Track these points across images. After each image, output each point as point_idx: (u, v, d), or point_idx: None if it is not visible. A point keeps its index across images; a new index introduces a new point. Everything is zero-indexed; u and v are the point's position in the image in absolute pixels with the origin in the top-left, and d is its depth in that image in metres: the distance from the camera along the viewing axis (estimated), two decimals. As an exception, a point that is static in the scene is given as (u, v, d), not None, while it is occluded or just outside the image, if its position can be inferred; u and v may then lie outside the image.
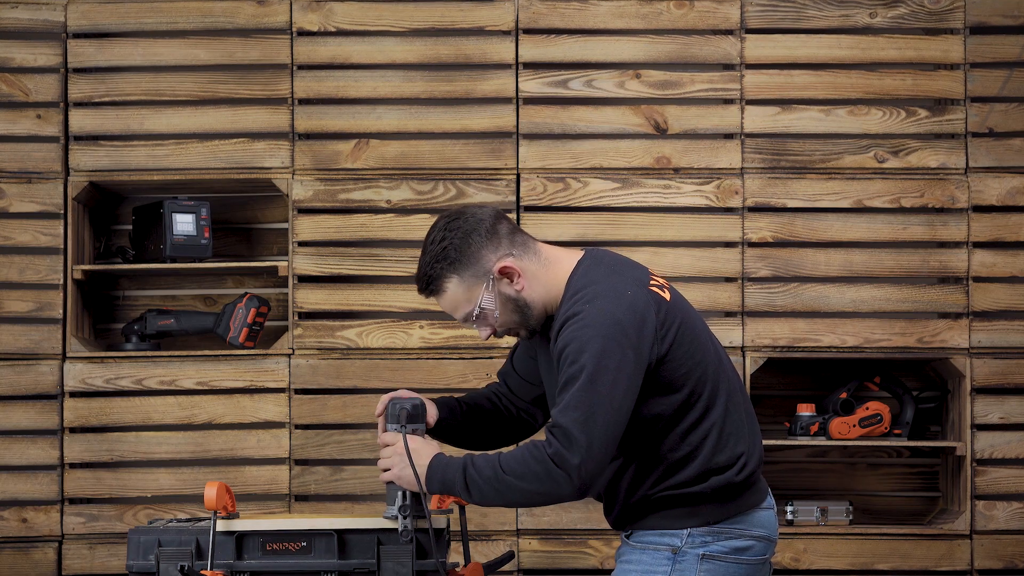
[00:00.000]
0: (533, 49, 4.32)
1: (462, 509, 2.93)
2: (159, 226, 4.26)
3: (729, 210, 4.32)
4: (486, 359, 4.24)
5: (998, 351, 4.28)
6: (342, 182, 4.30)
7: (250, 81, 4.32)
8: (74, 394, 4.25)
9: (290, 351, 4.26)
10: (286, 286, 4.34)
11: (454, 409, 2.91)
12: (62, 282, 4.26)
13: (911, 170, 4.32)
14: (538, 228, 4.26)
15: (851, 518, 4.31)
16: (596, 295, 2.63)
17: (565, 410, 2.57)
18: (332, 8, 4.32)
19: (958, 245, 4.31)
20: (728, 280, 4.31)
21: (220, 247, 4.46)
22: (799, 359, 4.34)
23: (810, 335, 4.28)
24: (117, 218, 4.54)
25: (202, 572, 2.74)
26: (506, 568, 4.12)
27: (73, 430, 4.25)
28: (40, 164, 4.29)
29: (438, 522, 2.81)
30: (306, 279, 4.30)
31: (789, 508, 4.29)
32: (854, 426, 4.27)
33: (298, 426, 4.26)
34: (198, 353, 4.28)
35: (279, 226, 4.50)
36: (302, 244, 4.29)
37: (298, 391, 4.26)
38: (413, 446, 2.70)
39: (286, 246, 4.39)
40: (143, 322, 4.31)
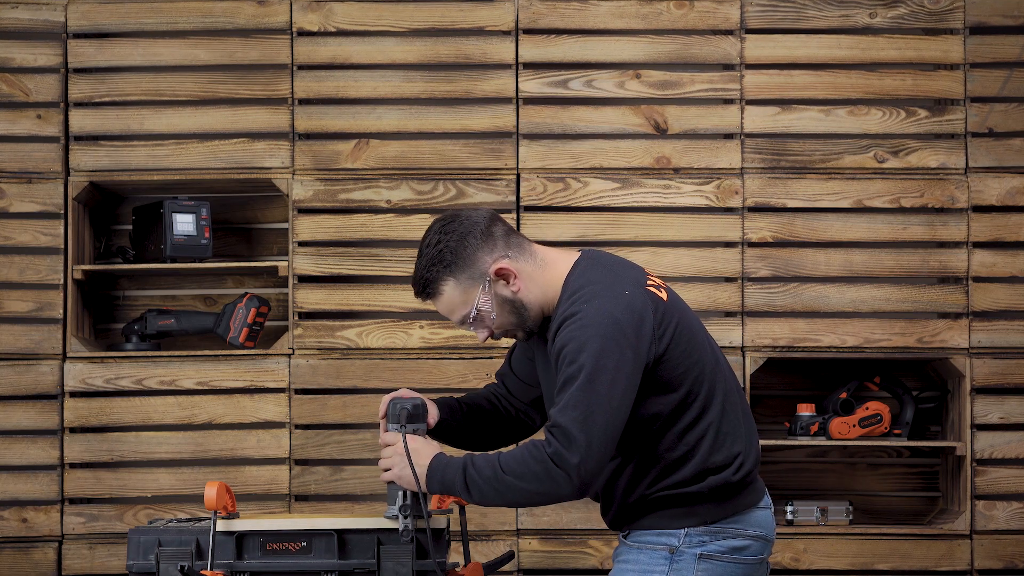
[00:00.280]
0: (533, 49, 4.32)
1: (462, 509, 2.93)
2: (159, 226, 4.26)
3: (729, 210, 4.31)
4: (486, 359, 4.24)
5: (998, 351, 4.28)
6: (342, 182, 4.30)
7: (250, 81, 4.32)
8: (74, 394, 4.25)
9: (290, 351, 4.26)
10: (286, 286, 4.34)
11: (454, 409, 2.91)
12: (62, 282, 4.26)
13: (911, 170, 4.32)
14: (538, 228, 4.26)
15: (851, 518, 4.31)
16: (594, 295, 2.63)
17: (564, 410, 2.57)
18: (332, 8, 4.32)
19: (958, 245, 4.31)
20: (728, 280, 4.31)
21: (220, 247, 4.46)
22: (799, 359, 4.34)
23: (810, 335, 4.28)
24: (117, 218, 4.54)
25: (202, 572, 2.74)
26: (506, 568, 4.12)
27: (73, 430, 4.25)
28: (40, 164, 4.29)
29: (438, 522, 2.81)
30: (306, 279, 4.30)
31: (789, 508, 4.29)
32: (854, 426, 4.27)
33: (298, 426, 4.26)
34: (198, 353, 4.28)
35: (279, 226, 4.50)
36: (302, 244, 4.29)
37: (298, 391, 4.26)
38: (413, 446, 2.70)
39: (286, 246, 4.39)
40: (143, 322, 4.31)
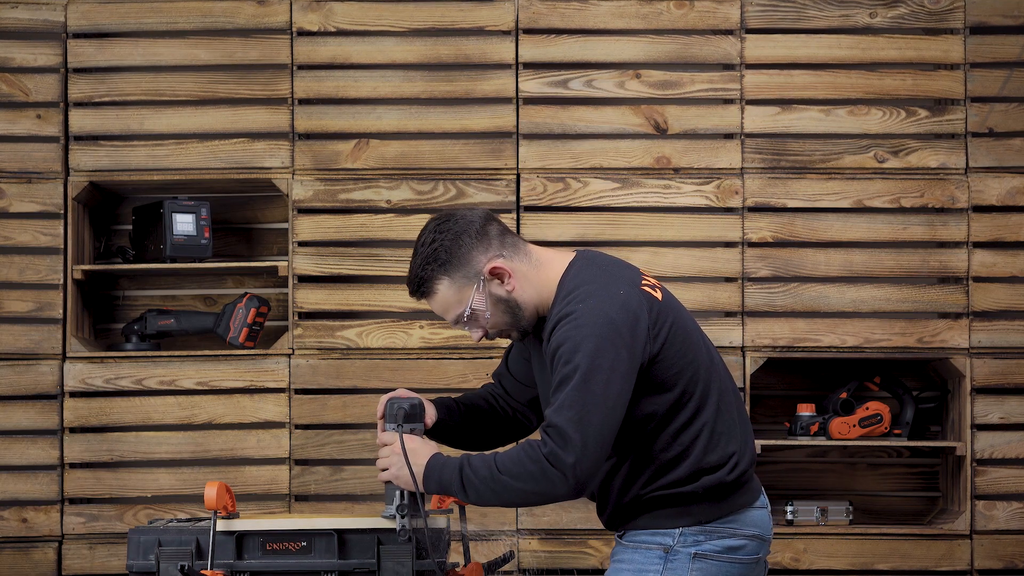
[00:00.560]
0: (533, 49, 4.32)
1: (462, 509, 2.93)
2: (159, 226, 4.26)
3: (729, 210, 4.31)
4: (486, 359, 4.23)
5: (998, 351, 4.28)
6: (342, 182, 4.30)
7: (250, 81, 4.32)
8: (74, 394, 4.25)
9: (290, 351, 4.26)
10: (286, 286, 4.34)
11: (452, 410, 2.91)
12: (62, 282, 4.26)
13: (911, 170, 4.32)
14: (538, 228, 4.26)
15: (851, 518, 4.31)
16: (589, 295, 2.63)
17: (560, 409, 2.57)
18: (332, 8, 4.32)
19: (958, 245, 4.31)
20: (728, 280, 4.31)
21: (220, 247, 4.46)
22: (799, 359, 4.34)
23: (810, 335, 4.28)
24: (117, 218, 4.54)
25: (202, 572, 2.74)
26: (506, 568, 4.12)
27: (73, 430, 4.25)
28: (40, 164, 4.29)
29: (438, 522, 2.81)
30: (306, 279, 4.30)
31: (789, 508, 4.29)
32: (854, 426, 4.27)
33: (298, 426, 4.26)
34: (198, 353, 4.28)
35: (279, 226, 4.50)
36: (302, 244, 4.29)
37: (298, 391, 4.26)
38: (411, 446, 2.70)
39: (286, 246, 4.39)
40: (143, 322, 4.31)
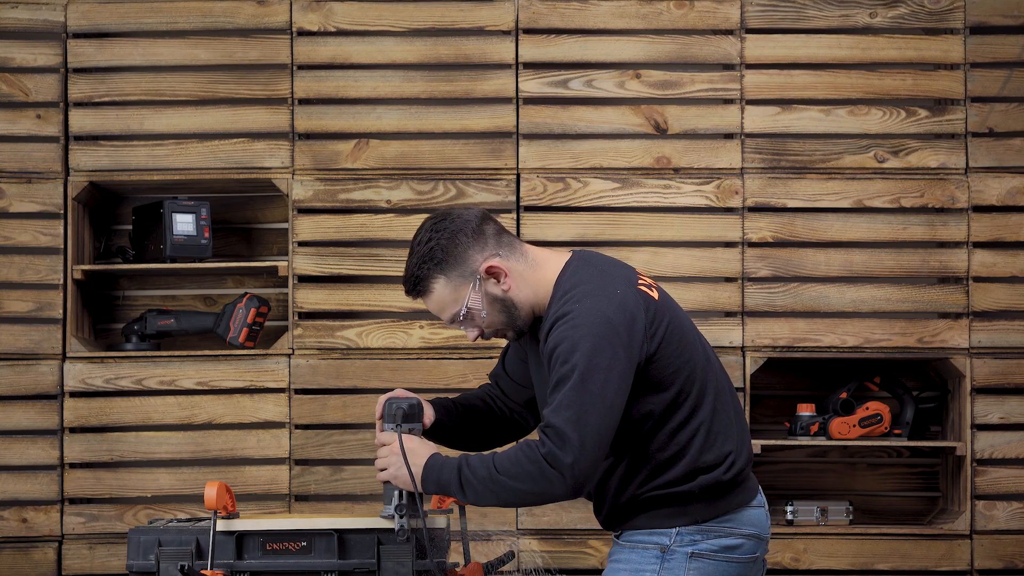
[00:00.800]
0: (533, 49, 4.32)
1: (462, 509, 2.93)
2: (159, 226, 4.26)
3: (729, 210, 4.31)
4: (486, 359, 4.23)
5: (998, 351, 4.28)
6: (342, 182, 4.30)
7: (250, 81, 4.32)
8: (74, 394, 4.25)
9: (290, 351, 4.26)
10: (286, 286, 4.34)
11: (449, 410, 2.91)
12: (62, 282, 4.26)
13: (911, 170, 4.32)
14: (538, 228, 4.26)
15: (851, 518, 4.31)
16: (586, 295, 2.63)
17: (557, 409, 2.57)
18: (332, 8, 4.32)
19: (958, 245, 4.31)
20: (728, 280, 4.31)
21: (220, 247, 4.46)
22: (799, 359, 4.34)
23: (810, 335, 4.28)
24: (117, 218, 4.54)
25: (202, 572, 2.74)
26: (506, 568, 4.12)
27: (73, 430, 4.25)
28: (40, 164, 4.29)
29: (438, 522, 2.81)
30: (306, 279, 4.30)
31: (789, 508, 4.29)
32: (854, 426, 4.27)
33: (298, 426, 4.26)
34: (198, 353, 4.28)
35: (279, 226, 4.50)
36: (302, 244, 4.29)
37: (298, 391, 4.26)
38: (409, 446, 2.70)
39: (286, 246, 4.39)
40: (143, 322, 4.31)
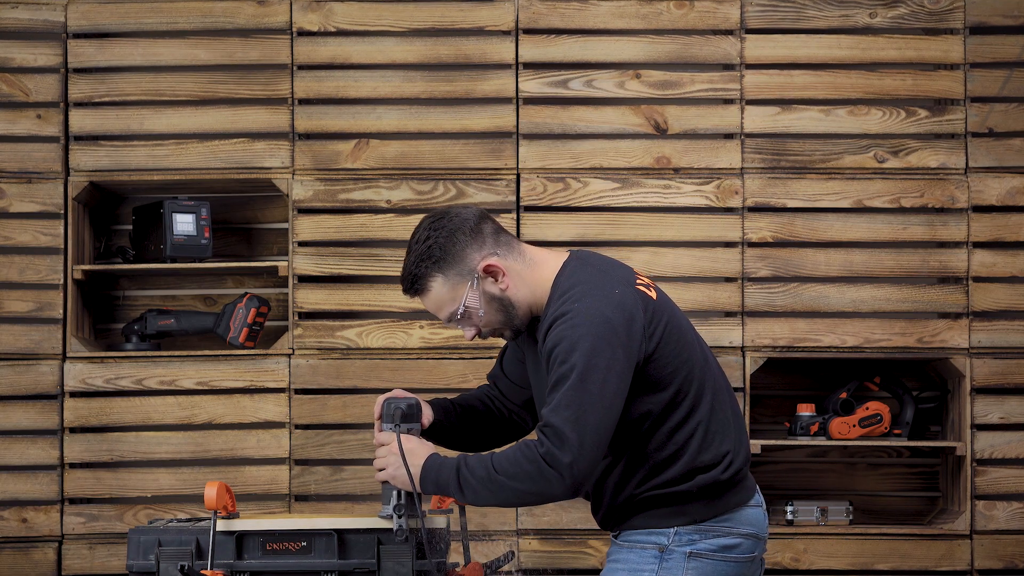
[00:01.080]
0: (533, 49, 4.31)
1: (462, 509, 2.93)
2: (159, 226, 4.26)
3: (729, 210, 4.31)
4: (486, 359, 4.23)
5: (998, 351, 4.28)
6: (342, 182, 4.30)
7: (250, 81, 4.32)
8: (74, 394, 4.25)
9: (290, 351, 4.26)
10: (286, 286, 4.34)
11: (448, 411, 2.91)
12: (62, 282, 4.26)
13: (911, 170, 4.32)
14: (538, 228, 4.26)
15: (851, 518, 4.31)
16: (584, 294, 2.63)
17: (556, 409, 2.57)
18: (332, 8, 4.32)
19: (958, 245, 4.31)
20: (728, 280, 4.31)
21: (220, 247, 4.46)
22: (799, 359, 4.33)
23: (810, 335, 4.28)
24: (117, 218, 4.54)
25: (202, 572, 2.74)
26: (506, 568, 4.12)
27: (73, 430, 4.25)
28: (40, 164, 4.29)
29: (437, 522, 2.81)
30: (306, 279, 4.30)
31: (789, 508, 4.29)
32: (854, 426, 4.27)
33: (298, 426, 4.26)
34: (198, 353, 4.28)
35: (279, 226, 4.50)
36: (302, 244, 4.29)
37: (298, 391, 4.26)
38: (408, 446, 2.70)
39: (286, 246, 4.39)
40: (143, 322, 4.31)
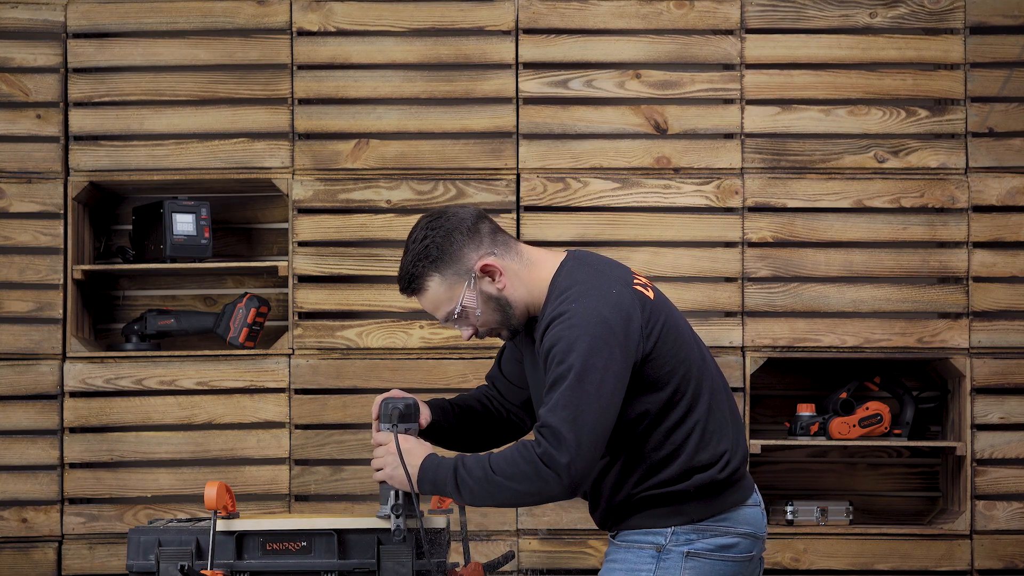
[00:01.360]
0: (533, 49, 4.31)
1: (462, 509, 2.93)
2: (159, 226, 4.26)
3: (729, 210, 4.31)
4: (486, 359, 4.23)
5: (998, 351, 4.28)
6: (342, 182, 4.30)
7: (250, 81, 4.32)
8: (74, 394, 4.25)
9: (290, 351, 4.26)
10: (286, 286, 4.34)
11: (446, 411, 2.91)
12: (62, 282, 4.26)
13: (911, 170, 4.32)
14: (538, 228, 4.26)
15: (851, 518, 4.31)
16: (582, 294, 2.63)
17: (553, 409, 2.57)
18: (332, 8, 4.32)
19: (958, 245, 4.31)
20: (728, 280, 4.31)
21: (220, 247, 4.46)
22: (799, 359, 4.33)
23: (810, 335, 4.28)
24: (117, 218, 4.54)
25: (202, 572, 2.74)
26: (506, 568, 4.12)
27: (73, 430, 4.25)
28: (40, 164, 4.29)
29: (438, 522, 2.81)
30: (306, 279, 4.30)
31: (789, 508, 4.29)
32: (854, 426, 4.27)
33: (298, 426, 4.26)
34: (198, 353, 4.28)
35: (279, 226, 4.50)
36: (302, 244, 4.29)
37: (298, 391, 4.26)
38: (405, 446, 2.70)
39: (286, 246, 4.39)
40: (143, 322, 4.31)
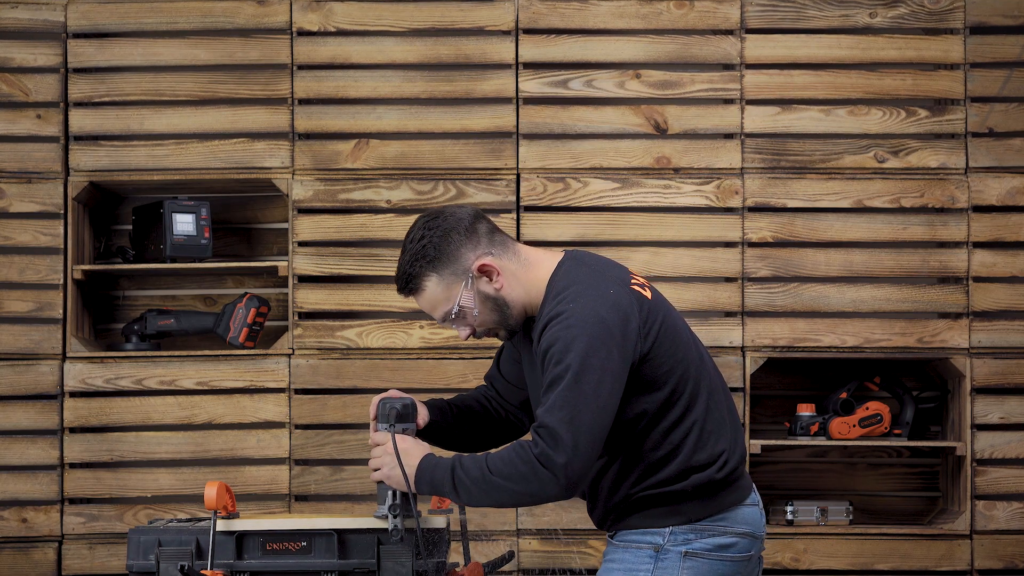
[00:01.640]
0: (533, 49, 4.32)
1: (462, 509, 2.92)
2: (159, 226, 4.26)
3: (729, 210, 4.31)
4: (486, 359, 4.23)
5: (998, 351, 4.28)
6: (342, 182, 4.30)
7: (250, 81, 4.32)
8: (74, 394, 4.25)
9: (290, 351, 4.26)
10: (286, 286, 4.34)
11: (444, 411, 2.90)
12: (62, 282, 4.26)
13: (911, 170, 4.32)
14: (538, 228, 4.26)
15: (851, 518, 4.31)
16: (579, 294, 2.63)
17: (551, 410, 2.57)
18: (332, 8, 4.32)
19: (958, 245, 4.31)
20: (728, 280, 4.31)
21: (220, 247, 4.46)
22: (799, 359, 4.34)
23: (810, 335, 4.28)
24: (117, 218, 4.54)
25: (202, 572, 2.74)
26: (506, 568, 4.12)
27: (73, 430, 4.25)
28: (40, 164, 4.29)
29: (438, 522, 2.81)
30: (306, 279, 4.30)
31: (789, 508, 4.29)
32: (854, 426, 4.27)
33: (298, 426, 4.26)
34: (198, 353, 4.28)
35: (279, 226, 4.50)
36: (302, 244, 4.29)
37: (298, 391, 4.26)
38: (403, 446, 2.70)
39: (286, 246, 4.39)
40: (143, 322, 4.31)
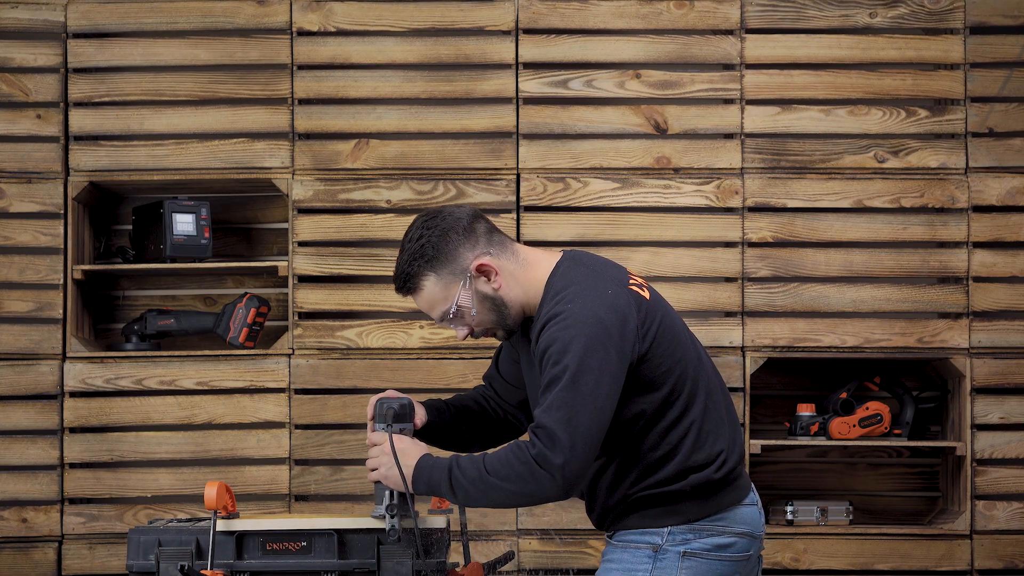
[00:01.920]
0: (533, 49, 4.32)
1: (462, 509, 2.93)
2: (159, 226, 4.26)
3: (729, 210, 4.31)
4: (486, 359, 4.23)
5: (998, 351, 4.28)
6: (342, 182, 4.30)
7: (250, 81, 4.32)
8: (74, 394, 4.25)
9: (290, 351, 4.26)
10: (286, 286, 4.34)
11: (442, 411, 2.90)
12: (62, 282, 4.26)
13: (911, 170, 4.32)
14: (538, 228, 4.26)
15: (851, 518, 4.31)
16: (577, 295, 2.63)
17: (548, 410, 2.57)
18: (332, 8, 4.32)
19: (958, 245, 4.31)
20: (728, 280, 4.31)
21: (220, 247, 4.46)
22: (799, 359, 4.34)
23: (810, 335, 4.28)
24: (117, 218, 4.54)
25: (202, 572, 2.74)
26: (506, 568, 4.12)
27: (73, 430, 4.25)
28: (40, 164, 4.29)
29: (437, 522, 2.81)
30: (306, 279, 4.30)
31: (789, 508, 4.29)
32: (854, 426, 4.27)
33: (298, 426, 4.26)
34: (198, 353, 4.28)
35: (279, 226, 4.50)
36: (302, 244, 4.29)
37: (298, 391, 4.26)
38: (400, 446, 2.70)
39: (286, 246, 4.39)
40: (143, 322, 4.31)
